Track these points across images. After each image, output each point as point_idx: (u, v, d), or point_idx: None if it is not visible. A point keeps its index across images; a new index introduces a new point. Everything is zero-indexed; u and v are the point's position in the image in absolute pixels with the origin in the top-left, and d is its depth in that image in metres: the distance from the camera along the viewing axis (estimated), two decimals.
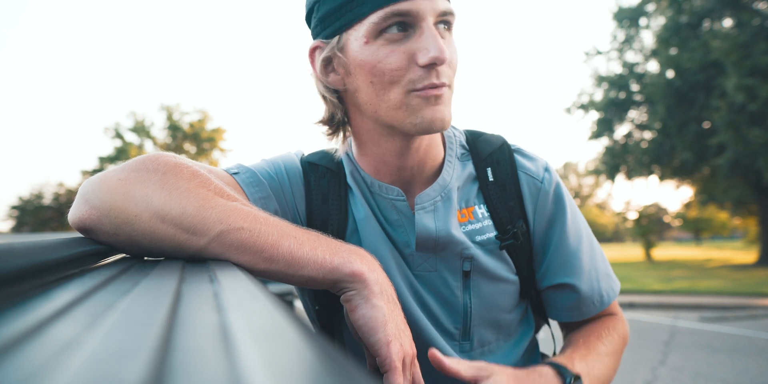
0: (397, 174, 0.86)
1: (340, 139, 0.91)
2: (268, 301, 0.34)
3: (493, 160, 0.91)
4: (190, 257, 0.62)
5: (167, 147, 29.69)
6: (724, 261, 20.37)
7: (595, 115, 21.37)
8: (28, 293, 0.35)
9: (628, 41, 20.69)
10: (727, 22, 16.80)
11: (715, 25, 17.01)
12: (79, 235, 0.64)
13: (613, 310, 1.00)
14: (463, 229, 0.87)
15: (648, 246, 23.27)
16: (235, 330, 0.26)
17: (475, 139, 0.95)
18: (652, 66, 19.78)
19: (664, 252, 31.08)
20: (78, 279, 0.43)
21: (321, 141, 0.94)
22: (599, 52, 21.62)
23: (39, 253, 0.41)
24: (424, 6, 0.71)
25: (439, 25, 0.75)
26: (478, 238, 0.88)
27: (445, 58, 0.71)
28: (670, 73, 17.53)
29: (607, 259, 1.01)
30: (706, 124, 17.48)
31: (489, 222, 0.89)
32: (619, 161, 20.94)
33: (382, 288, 0.66)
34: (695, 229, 39.36)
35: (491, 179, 0.90)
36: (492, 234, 0.88)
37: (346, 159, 0.91)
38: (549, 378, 0.76)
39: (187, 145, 30.26)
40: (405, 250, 0.87)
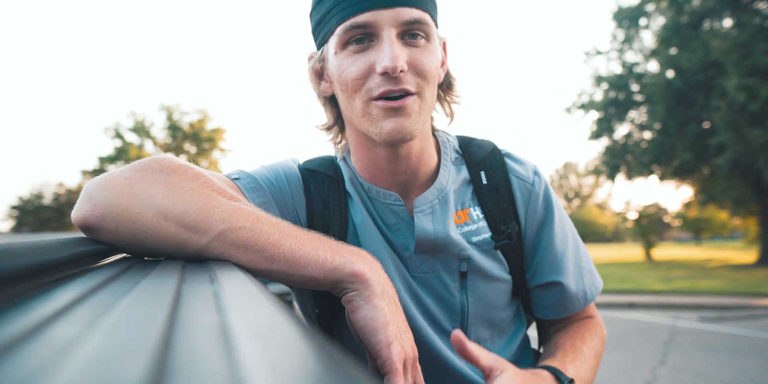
0: (392, 179, 0.88)
1: (339, 143, 0.94)
2: (268, 301, 0.34)
3: (486, 164, 0.94)
4: (191, 256, 0.62)
5: (167, 147, 29.70)
6: (724, 261, 20.36)
7: (595, 115, 21.38)
8: (28, 293, 0.35)
9: (627, 41, 20.68)
10: (727, 22, 16.80)
11: (715, 25, 17.01)
12: (79, 235, 0.64)
13: (591, 312, 1.03)
14: (460, 230, 0.89)
15: (648, 246, 23.24)
16: (235, 330, 0.26)
17: (467, 144, 0.98)
18: (652, 66, 19.80)
19: (664, 252, 31.06)
20: (78, 279, 0.43)
21: (320, 142, 0.95)
22: (599, 52, 21.61)
23: (39, 253, 0.41)
24: (383, 17, 0.73)
25: (406, 34, 0.75)
26: (474, 239, 0.90)
27: (397, 67, 0.72)
28: (670, 73, 17.53)
29: (607, 259, 1.04)
30: (706, 124, 17.48)
31: (484, 223, 0.91)
32: (619, 161, 20.94)
33: (383, 289, 0.66)
34: (695, 229, 39.37)
35: (485, 182, 0.93)
36: (487, 235, 0.91)
37: (343, 164, 0.93)
38: (549, 381, 0.79)
39: (187, 145, 30.28)
40: (403, 253, 0.88)
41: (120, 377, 0.17)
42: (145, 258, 0.66)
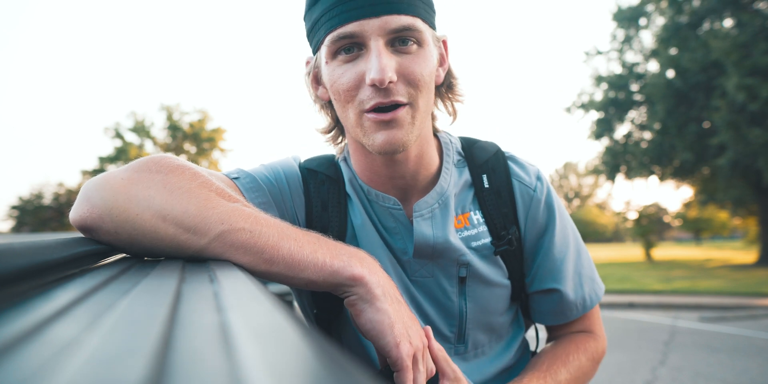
0: (390, 183, 0.87)
1: (338, 143, 0.93)
2: (268, 301, 0.34)
3: (488, 167, 0.93)
4: (190, 257, 0.62)
5: (167, 147, 29.69)
6: (724, 261, 20.35)
7: (595, 115, 21.37)
8: (28, 293, 0.35)
9: (627, 41, 20.67)
10: (727, 22, 16.79)
11: (715, 25, 17.00)
12: (79, 235, 0.64)
13: (593, 328, 1.00)
14: (459, 235, 0.88)
15: (648, 246, 23.23)
16: (235, 330, 0.26)
17: (470, 146, 0.96)
18: (652, 66, 19.80)
19: (664, 252, 31.05)
20: (78, 279, 0.43)
21: (320, 142, 0.95)
22: (599, 52, 21.60)
23: (39, 253, 0.41)
24: (369, 27, 0.71)
25: (396, 41, 0.73)
26: (474, 244, 0.89)
27: (384, 80, 0.70)
28: (670, 73, 17.52)
29: (607, 259, 1.03)
30: (706, 125, 17.47)
31: (484, 228, 0.90)
32: (619, 161, 20.93)
33: (384, 290, 0.66)
34: (695, 229, 39.35)
35: (487, 186, 0.91)
36: (487, 240, 0.90)
37: (344, 165, 0.92)
38: None
39: (187, 145, 30.26)
40: (402, 256, 0.88)
41: (120, 377, 0.17)
42: (145, 258, 0.66)
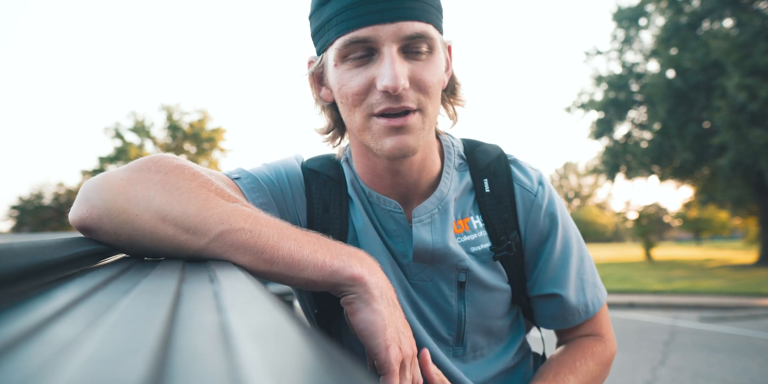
0: (392, 187, 0.87)
1: (337, 145, 0.93)
2: (268, 301, 0.34)
3: (490, 171, 0.92)
4: (190, 257, 0.62)
5: (167, 147, 29.68)
6: (724, 261, 20.34)
7: (595, 115, 21.37)
8: (28, 293, 0.35)
9: (627, 41, 20.67)
10: (727, 22, 16.79)
11: (715, 25, 16.99)
12: (79, 235, 0.64)
13: (600, 331, 0.99)
14: (459, 240, 0.88)
15: (648, 246, 23.22)
16: (235, 330, 0.26)
17: (473, 148, 0.95)
18: (652, 66, 19.79)
19: (664, 252, 31.03)
20: (78, 279, 0.43)
21: (320, 142, 0.94)
22: (599, 52, 21.60)
23: (39, 253, 0.41)
24: (384, 32, 0.70)
25: (408, 48, 0.73)
26: (473, 249, 0.89)
27: (398, 87, 0.70)
28: (671, 73, 17.52)
29: (607, 259, 1.04)
30: (706, 125, 17.47)
31: (484, 233, 0.90)
32: (619, 161, 20.93)
33: (382, 291, 0.66)
34: (695, 229, 39.35)
35: (488, 190, 0.91)
36: (486, 245, 0.89)
37: (346, 167, 0.92)
38: None
39: (187, 145, 30.26)
40: (402, 259, 0.88)
41: (120, 377, 0.17)
42: (145, 258, 0.66)
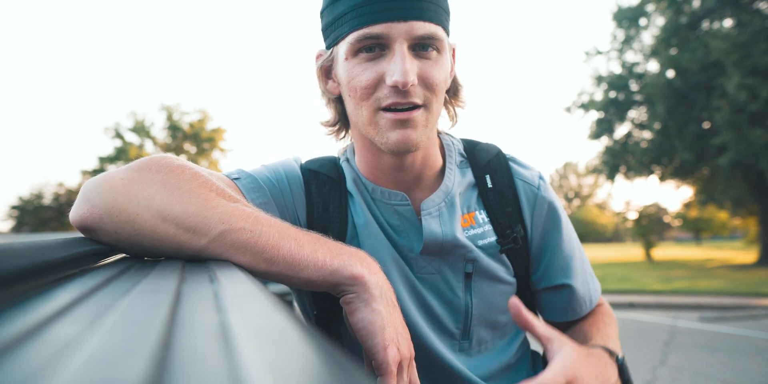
0: (396, 181, 0.88)
1: (341, 138, 0.94)
2: (268, 301, 0.34)
3: (491, 167, 0.95)
4: (190, 257, 0.62)
5: (167, 147, 29.70)
6: (724, 261, 20.34)
7: (595, 114, 21.37)
8: (28, 293, 0.35)
9: (627, 41, 20.67)
10: (727, 22, 16.79)
11: (715, 25, 16.99)
12: (79, 235, 0.64)
13: (600, 299, 1.06)
14: (466, 233, 0.90)
15: (648, 246, 23.21)
16: (235, 330, 0.26)
17: (472, 147, 0.98)
18: (652, 66, 19.79)
19: (664, 252, 31.02)
20: (78, 279, 0.43)
21: (321, 142, 0.95)
22: (599, 52, 21.60)
23: (39, 253, 0.41)
24: (396, 30, 0.73)
25: (418, 46, 0.75)
26: (480, 243, 0.90)
27: (407, 82, 0.72)
28: (671, 73, 17.52)
29: (607, 259, 1.05)
30: (706, 125, 17.47)
31: (489, 227, 0.92)
32: (618, 161, 20.93)
33: (381, 291, 0.66)
34: (695, 229, 39.37)
35: (490, 186, 0.93)
36: (492, 238, 0.91)
37: (346, 166, 0.93)
38: (605, 358, 0.82)
39: (187, 145, 30.27)
40: (409, 253, 0.88)
41: (120, 377, 0.17)
42: (145, 258, 0.66)
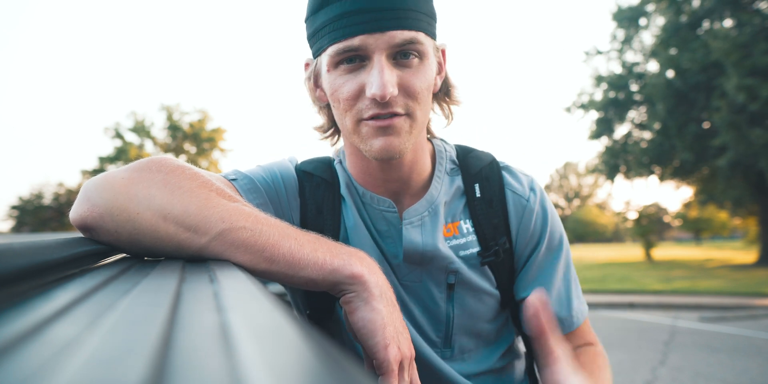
0: (384, 186, 0.88)
1: (335, 143, 0.94)
2: (268, 301, 0.34)
3: (482, 176, 0.93)
4: (190, 257, 0.62)
5: (167, 147, 29.70)
6: (724, 261, 20.34)
7: (594, 114, 21.37)
8: (28, 293, 0.35)
9: (627, 41, 20.68)
10: (727, 23, 16.78)
11: (715, 25, 16.99)
12: (79, 235, 0.64)
13: (592, 339, 0.98)
14: (448, 243, 0.89)
15: (648, 246, 23.20)
16: (235, 330, 0.26)
17: (465, 154, 0.97)
18: (652, 66, 19.78)
19: (664, 252, 31.00)
20: (78, 279, 0.43)
21: (319, 142, 0.95)
22: (599, 52, 21.61)
23: (39, 253, 0.41)
24: (373, 41, 0.72)
25: (398, 55, 0.75)
26: (462, 253, 0.89)
27: (385, 95, 0.72)
28: (670, 73, 17.52)
29: (607, 259, 1.03)
30: (706, 125, 17.47)
31: (473, 237, 0.90)
32: (618, 161, 20.94)
33: (381, 290, 0.66)
34: (695, 229, 39.38)
35: (478, 195, 0.92)
36: (475, 249, 0.90)
37: (340, 168, 0.93)
38: None
39: (187, 145, 30.27)
40: (393, 260, 0.89)
41: (120, 377, 0.17)
42: (145, 258, 0.66)
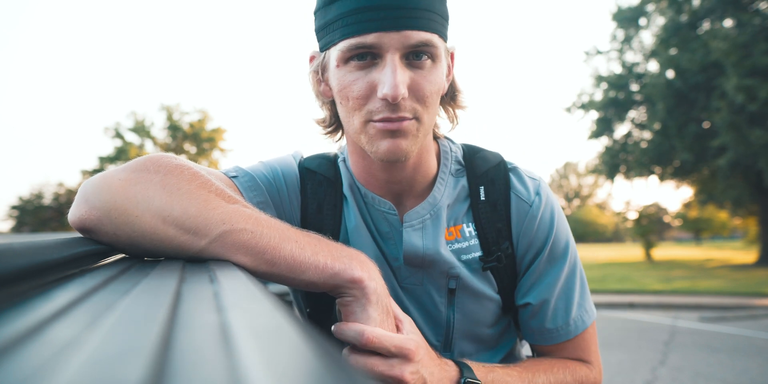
0: (387, 187, 0.86)
1: (337, 140, 0.92)
2: (268, 301, 0.34)
3: (487, 178, 0.91)
4: (190, 258, 0.62)
5: (167, 147, 29.68)
6: (724, 261, 20.33)
7: (594, 114, 21.36)
8: (28, 293, 0.35)
9: (627, 41, 20.66)
10: (727, 23, 16.78)
11: (715, 25, 16.98)
12: (79, 235, 0.64)
13: (587, 357, 0.94)
14: (450, 247, 0.87)
15: (648, 246, 23.19)
16: (235, 330, 0.26)
17: (472, 155, 0.94)
18: (652, 66, 19.77)
19: (664, 252, 30.97)
20: (78, 279, 0.43)
21: (320, 141, 0.94)
22: (599, 52, 21.59)
23: (39, 253, 0.41)
24: (388, 40, 0.70)
25: (411, 56, 0.73)
26: (464, 257, 0.88)
27: (397, 96, 0.70)
28: (670, 74, 17.51)
29: (607, 259, 1.01)
30: (705, 125, 17.46)
31: (475, 241, 0.88)
32: (618, 161, 20.93)
33: (378, 298, 0.66)
34: (695, 229, 39.39)
35: (483, 198, 0.89)
36: (477, 254, 0.88)
37: (343, 166, 0.91)
38: (451, 371, 0.73)
39: (187, 145, 30.25)
40: (394, 262, 0.88)
41: (120, 377, 0.17)
42: (145, 258, 0.66)
